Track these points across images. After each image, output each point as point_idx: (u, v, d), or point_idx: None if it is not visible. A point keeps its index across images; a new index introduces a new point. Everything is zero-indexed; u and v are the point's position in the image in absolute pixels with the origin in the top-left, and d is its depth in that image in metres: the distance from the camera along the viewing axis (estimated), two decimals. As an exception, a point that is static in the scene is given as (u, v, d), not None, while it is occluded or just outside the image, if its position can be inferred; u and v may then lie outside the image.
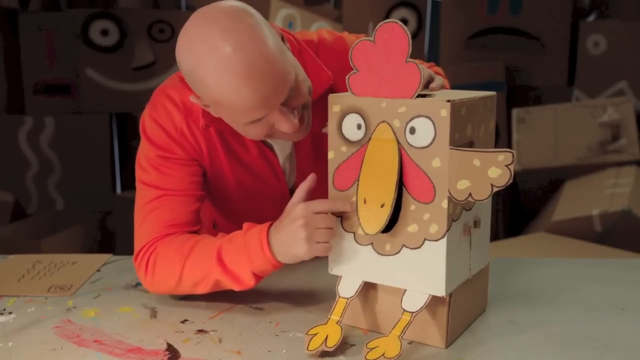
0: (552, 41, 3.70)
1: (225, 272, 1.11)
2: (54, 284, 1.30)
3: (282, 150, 1.25)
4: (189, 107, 1.18)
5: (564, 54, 3.71)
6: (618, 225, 2.77)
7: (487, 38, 3.75)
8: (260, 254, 1.08)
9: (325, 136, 1.07)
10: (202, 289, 1.15)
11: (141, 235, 1.19)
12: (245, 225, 1.13)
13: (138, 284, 1.29)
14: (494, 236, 3.34)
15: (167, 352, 1.02)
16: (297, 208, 1.06)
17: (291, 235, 1.05)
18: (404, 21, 3.75)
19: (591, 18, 4.00)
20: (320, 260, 1.11)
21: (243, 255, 1.09)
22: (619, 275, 1.35)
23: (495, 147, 1.05)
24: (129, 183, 3.90)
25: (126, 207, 3.63)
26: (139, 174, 1.21)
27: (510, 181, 0.93)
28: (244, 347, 1.04)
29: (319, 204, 1.05)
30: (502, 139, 3.60)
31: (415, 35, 3.83)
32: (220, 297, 1.21)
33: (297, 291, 1.25)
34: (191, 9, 3.92)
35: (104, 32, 3.72)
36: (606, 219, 2.77)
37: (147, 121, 1.21)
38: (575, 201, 3.04)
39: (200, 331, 1.10)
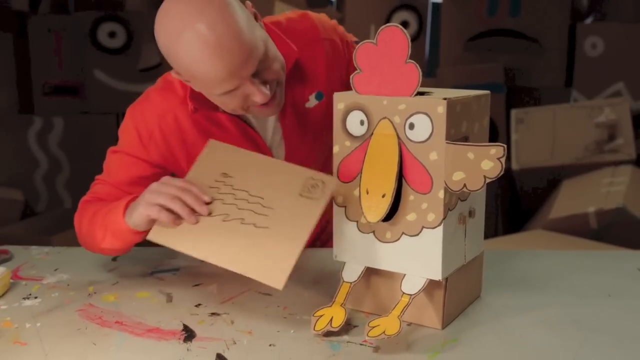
0: (551, 43, 3.76)
1: (99, 229, 1.26)
2: None
3: (263, 127, 1.34)
4: (164, 111, 1.29)
5: (562, 55, 3.78)
6: (613, 223, 2.83)
7: (486, 40, 3.81)
8: (116, 216, 1.22)
9: (309, 111, 1.16)
10: (93, 247, 1.31)
11: (85, 195, 1.38)
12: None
13: (153, 272, 1.37)
14: (494, 233, 3.41)
15: (184, 332, 1.10)
16: (153, 183, 1.20)
17: (139, 200, 1.19)
18: (405, 23, 3.82)
19: (589, 20, 4.06)
20: (325, 250, 1.19)
21: (109, 214, 1.24)
22: (608, 265, 1.42)
23: (494, 142, 1.12)
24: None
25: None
26: (107, 155, 1.37)
27: (502, 173, 1.00)
28: (254, 328, 1.11)
29: (174, 180, 1.19)
30: (501, 138, 3.67)
31: (416, 37, 3.89)
32: (231, 284, 1.29)
33: (303, 278, 1.32)
34: None
35: (112, 34, 3.80)
36: (602, 217, 2.84)
37: (127, 118, 1.33)
38: (572, 199, 3.11)
39: (213, 314, 1.17)
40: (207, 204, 1.16)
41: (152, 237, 1.18)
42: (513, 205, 3.58)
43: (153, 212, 1.15)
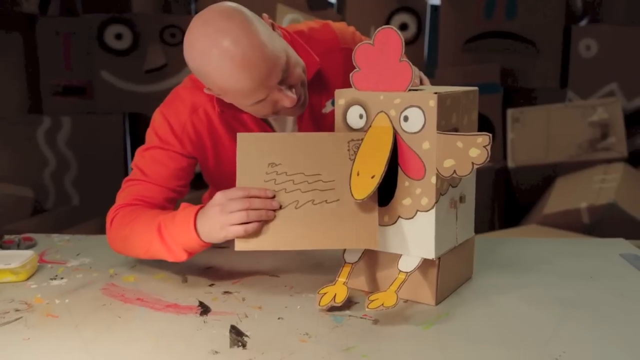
0: (546, 44, 3.84)
1: (162, 242, 1.27)
2: None
3: (282, 127, 1.43)
4: (196, 106, 1.38)
5: (557, 56, 3.84)
6: (604, 218, 2.94)
7: (483, 42, 3.89)
8: (188, 234, 1.24)
9: (325, 116, 1.25)
10: (142, 253, 1.32)
11: (116, 200, 1.39)
12: (182, 204, 1.30)
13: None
14: (490, 228, 3.51)
15: (200, 308, 1.20)
16: (216, 195, 1.21)
17: (210, 220, 1.21)
18: (404, 25, 3.90)
19: (583, 23, 4.14)
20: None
21: (176, 231, 1.26)
22: (592, 251, 1.53)
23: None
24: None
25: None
26: (136, 159, 1.41)
27: (488, 159, 1.10)
28: (263, 304, 1.22)
29: (233, 191, 1.19)
30: (498, 137, 3.76)
31: (415, 39, 3.96)
32: (240, 267, 1.40)
33: (308, 262, 1.43)
34: None
35: (118, 36, 3.87)
36: (593, 212, 2.94)
37: (158, 116, 1.41)
38: (566, 195, 3.21)
39: (226, 292, 1.28)
40: (272, 198, 1.19)
41: (238, 248, 1.19)
42: (509, 201, 3.68)
43: (233, 233, 1.18)
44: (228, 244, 1.37)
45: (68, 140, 3.84)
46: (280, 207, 1.18)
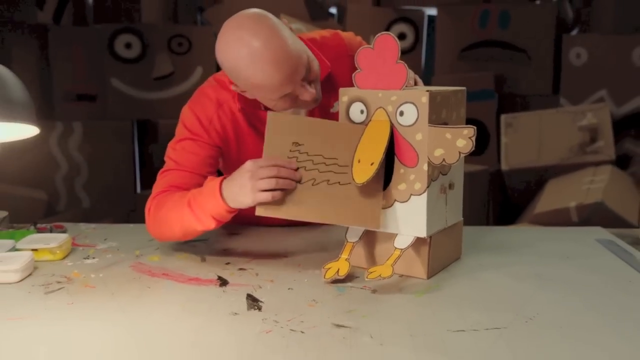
0: (538, 53, 3.97)
1: (192, 213, 1.41)
2: None
3: None
4: (221, 102, 1.54)
5: (548, 64, 3.97)
6: (592, 216, 3.09)
7: (478, 50, 4.03)
8: (215, 201, 1.37)
9: (333, 115, 1.41)
10: (177, 229, 1.45)
11: (153, 191, 1.53)
12: (208, 178, 1.43)
13: (187, 241, 1.62)
14: (484, 228, 3.65)
15: (219, 281, 1.36)
16: (246, 163, 1.35)
17: (240, 186, 1.34)
18: (403, 35, 4.06)
19: (573, 32, 4.29)
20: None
21: (204, 201, 1.39)
22: (571, 237, 1.69)
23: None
24: (148, 183, 4.21)
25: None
26: (168, 152, 1.56)
27: (473, 149, 1.26)
28: (275, 278, 1.38)
29: (263, 160, 1.33)
30: (492, 141, 3.91)
31: (413, 47, 4.09)
32: (253, 250, 1.56)
33: (314, 245, 1.59)
34: (206, 24, 4.17)
35: (128, 45, 3.99)
36: (582, 211, 3.10)
37: (186, 111, 1.57)
38: (556, 196, 3.37)
39: (241, 269, 1.44)
40: (295, 170, 1.33)
41: (259, 213, 1.33)
42: (503, 202, 3.83)
43: (263, 197, 1.31)
44: (239, 231, 1.53)
45: (79, 145, 3.95)
46: (299, 182, 1.34)
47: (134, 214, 3.87)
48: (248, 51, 1.33)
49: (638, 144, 3.75)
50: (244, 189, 1.33)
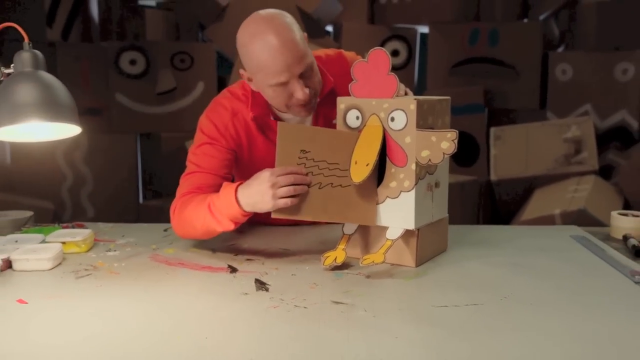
0: (526, 69, 4.17)
1: (212, 216, 1.55)
2: None
3: None
4: (235, 111, 1.71)
5: (535, 80, 4.17)
6: (575, 222, 3.24)
7: (468, 66, 4.24)
8: (231, 206, 1.52)
9: (334, 125, 1.58)
10: (199, 228, 1.59)
11: (177, 193, 1.68)
12: (224, 184, 1.57)
13: (198, 237, 1.79)
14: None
15: (229, 269, 1.52)
16: (264, 172, 1.48)
17: (260, 194, 1.47)
18: (396, 52, 4.23)
19: (559, 49, 4.48)
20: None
21: (221, 205, 1.53)
22: (548, 234, 1.85)
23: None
24: (150, 194, 4.35)
25: (149, 214, 4.07)
26: (189, 157, 1.72)
27: (455, 151, 1.42)
28: (279, 266, 1.54)
29: (279, 170, 1.46)
30: (482, 153, 4.08)
31: (406, 64, 4.26)
32: (258, 245, 1.72)
33: (313, 241, 1.75)
34: (207, 41, 4.34)
35: (132, 62, 4.12)
36: (565, 217, 3.26)
37: (204, 120, 1.73)
38: (541, 204, 3.54)
39: (248, 259, 1.60)
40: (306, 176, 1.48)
41: (275, 215, 1.47)
42: (493, 211, 4.00)
43: (282, 203, 1.45)
44: (245, 229, 1.69)
45: (85, 157, 4.09)
46: (309, 186, 1.49)
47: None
48: (261, 36, 1.52)
49: (620, 155, 3.93)
50: (265, 196, 1.46)
